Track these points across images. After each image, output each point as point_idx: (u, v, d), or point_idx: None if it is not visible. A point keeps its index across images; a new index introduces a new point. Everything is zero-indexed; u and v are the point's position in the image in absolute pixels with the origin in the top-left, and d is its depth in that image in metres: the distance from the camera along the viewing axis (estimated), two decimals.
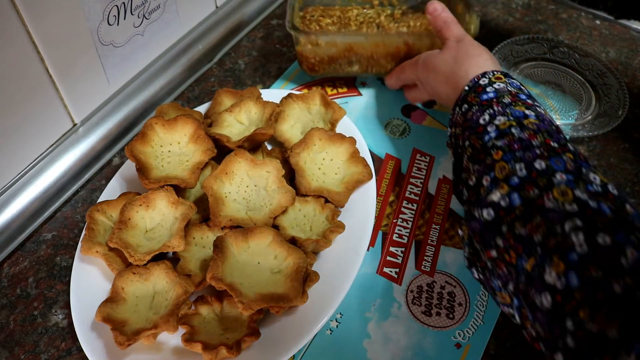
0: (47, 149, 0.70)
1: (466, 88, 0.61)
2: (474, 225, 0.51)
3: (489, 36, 0.93)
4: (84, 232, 0.62)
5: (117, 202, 0.64)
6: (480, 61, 0.64)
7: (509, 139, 0.52)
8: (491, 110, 0.56)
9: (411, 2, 0.88)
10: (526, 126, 0.52)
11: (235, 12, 0.91)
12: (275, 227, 0.62)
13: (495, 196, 0.49)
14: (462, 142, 0.58)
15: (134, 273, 0.58)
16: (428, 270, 0.64)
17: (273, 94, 0.77)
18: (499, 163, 0.51)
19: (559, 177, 0.46)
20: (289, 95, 0.74)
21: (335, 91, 0.84)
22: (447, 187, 0.72)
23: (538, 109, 0.55)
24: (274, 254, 0.59)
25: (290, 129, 0.73)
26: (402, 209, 0.70)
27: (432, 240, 0.67)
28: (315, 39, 0.76)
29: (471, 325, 0.60)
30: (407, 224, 0.69)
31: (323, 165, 0.68)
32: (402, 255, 0.66)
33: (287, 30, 0.79)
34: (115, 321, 0.54)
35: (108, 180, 0.71)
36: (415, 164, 0.75)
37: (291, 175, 0.67)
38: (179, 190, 0.65)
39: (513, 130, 0.52)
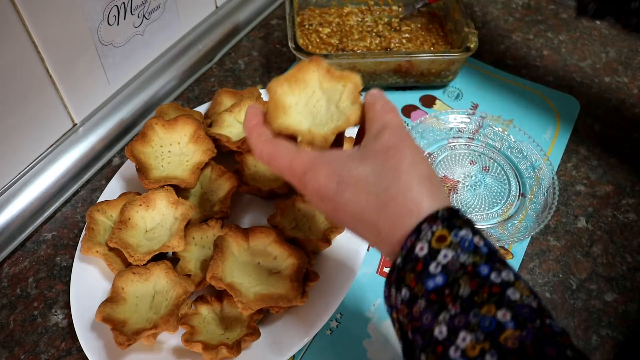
0: (47, 149, 0.70)
1: (398, 260, 0.41)
2: None
3: (489, 36, 0.93)
4: (83, 232, 0.62)
5: (117, 202, 0.64)
6: (414, 191, 0.41)
7: None
8: (447, 315, 0.38)
9: (406, 1, 0.89)
10: (505, 348, 0.35)
11: (235, 12, 0.91)
12: (275, 227, 0.62)
13: None
14: (412, 337, 0.40)
15: (134, 273, 0.58)
16: None
17: None
18: None
19: None
20: None
21: None
22: (448, 185, 0.72)
23: (509, 293, 0.37)
24: (274, 254, 0.59)
25: None
26: None
27: None
28: None
29: None
30: None
31: None
32: None
33: (287, 30, 0.79)
34: (115, 321, 0.54)
35: (108, 180, 0.71)
36: None
37: None
38: (179, 190, 0.65)
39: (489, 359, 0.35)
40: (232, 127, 0.71)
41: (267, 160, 0.46)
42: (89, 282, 0.61)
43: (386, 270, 0.64)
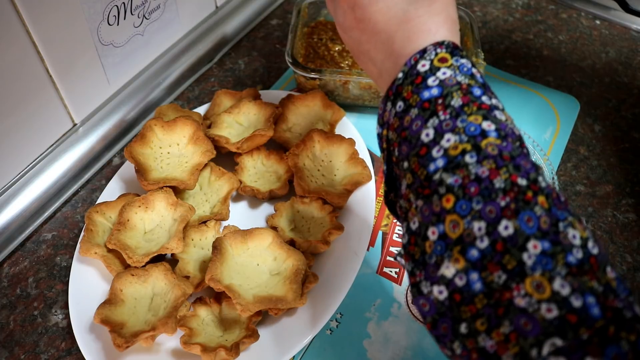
0: (47, 149, 0.70)
1: (400, 75, 0.44)
2: (421, 305, 0.39)
3: (489, 36, 0.93)
4: (82, 233, 0.62)
5: (116, 203, 0.64)
6: (440, 18, 0.45)
7: (463, 176, 0.38)
8: (436, 120, 0.41)
9: None
10: (485, 152, 0.38)
11: (235, 12, 0.91)
12: (274, 228, 0.62)
13: (449, 271, 0.37)
14: (397, 154, 0.44)
15: (133, 275, 0.58)
16: None
17: (272, 95, 0.77)
18: (451, 215, 0.38)
19: (532, 248, 0.35)
20: (289, 96, 0.73)
21: None
22: None
23: (497, 113, 0.41)
24: (273, 255, 0.59)
25: (290, 130, 0.73)
26: None
27: None
28: (315, 82, 0.75)
29: None
30: None
31: (322, 166, 0.68)
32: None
33: (287, 30, 0.79)
34: (114, 323, 0.54)
35: (108, 180, 0.71)
36: None
37: (290, 176, 0.67)
38: (178, 191, 0.65)
39: (468, 159, 0.38)
40: (231, 128, 0.71)
41: None
42: (87, 284, 0.61)
43: (386, 270, 0.64)
